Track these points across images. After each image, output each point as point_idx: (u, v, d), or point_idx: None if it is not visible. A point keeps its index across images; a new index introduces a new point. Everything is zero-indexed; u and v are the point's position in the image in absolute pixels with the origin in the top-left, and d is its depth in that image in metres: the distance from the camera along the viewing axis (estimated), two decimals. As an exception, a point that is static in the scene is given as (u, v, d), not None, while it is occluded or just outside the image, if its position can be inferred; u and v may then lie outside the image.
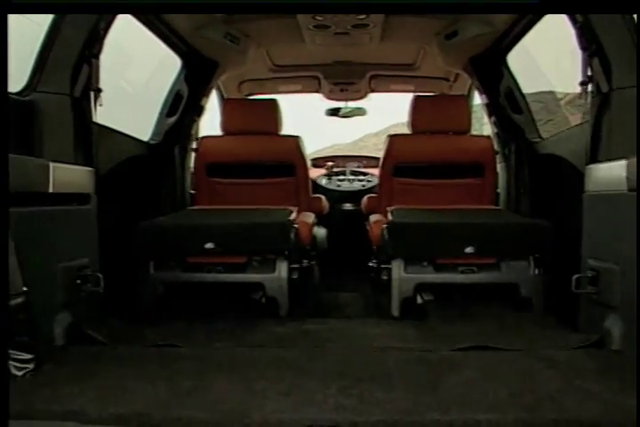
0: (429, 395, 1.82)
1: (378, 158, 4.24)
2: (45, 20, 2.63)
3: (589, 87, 2.57)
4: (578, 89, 2.62)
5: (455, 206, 3.53)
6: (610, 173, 2.32)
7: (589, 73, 2.55)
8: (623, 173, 2.19)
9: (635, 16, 2.36)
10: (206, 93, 4.12)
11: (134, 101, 5.09)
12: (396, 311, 3.00)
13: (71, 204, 2.50)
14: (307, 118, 8.29)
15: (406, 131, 3.97)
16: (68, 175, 2.46)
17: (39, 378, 1.94)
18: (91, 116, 2.69)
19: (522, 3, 2.47)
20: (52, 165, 2.30)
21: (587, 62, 2.55)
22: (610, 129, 2.49)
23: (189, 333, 2.60)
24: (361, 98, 5.20)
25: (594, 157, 2.54)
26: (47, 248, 2.22)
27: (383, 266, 3.10)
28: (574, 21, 2.55)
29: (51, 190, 2.29)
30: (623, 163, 2.21)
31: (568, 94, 7.01)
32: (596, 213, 2.47)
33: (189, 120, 4.02)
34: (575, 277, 2.48)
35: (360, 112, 5.37)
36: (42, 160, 2.28)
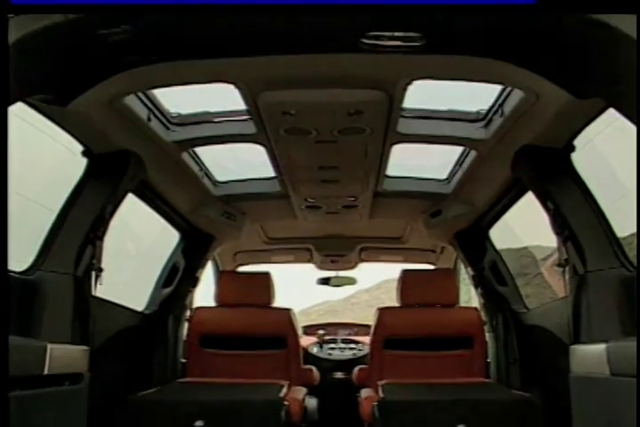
0: None
1: (369, 326, 4.29)
2: (55, 205, 2.82)
3: (567, 269, 2.72)
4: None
5: (446, 380, 3.54)
6: (592, 355, 2.37)
7: (565, 256, 2.70)
8: (604, 357, 2.25)
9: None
10: (202, 265, 4.28)
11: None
12: None
13: (63, 384, 2.50)
14: (299, 274, 8.43)
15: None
16: (64, 356, 2.46)
17: None
18: (90, 294, 2.77)
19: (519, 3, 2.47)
20: (49, 346, 2.32)
21: (562, 245, 2.71)
22: (589, 310, 2.58)
23: None
24: (351, 268, 5.39)
25: (577, 337, 2.61)
26: None
27: None
28: (547, 209, 2.76)
29: (46, 372, 2.30)
30: (603, 346, 2.27)
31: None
32: (583, 395, 2.47)
33: (184, 291, 4.13)
34: None
35: (350, 281, 5.54)
36: (40, 342, 2.31)
